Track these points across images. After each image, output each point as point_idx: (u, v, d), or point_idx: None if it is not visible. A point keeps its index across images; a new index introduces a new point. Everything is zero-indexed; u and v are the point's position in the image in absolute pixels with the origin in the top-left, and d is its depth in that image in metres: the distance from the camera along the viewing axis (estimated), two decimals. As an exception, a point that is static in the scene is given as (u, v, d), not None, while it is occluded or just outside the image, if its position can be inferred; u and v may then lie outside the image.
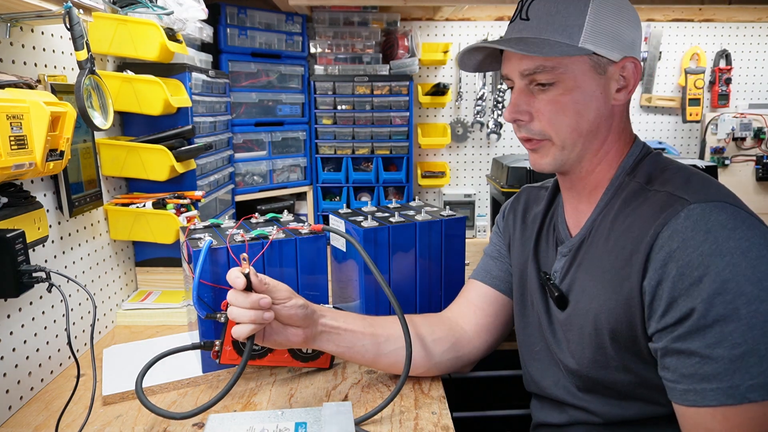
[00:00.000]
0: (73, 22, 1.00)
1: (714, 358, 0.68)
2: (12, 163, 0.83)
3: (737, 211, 0.71)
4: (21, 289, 0.87)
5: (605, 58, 0.80)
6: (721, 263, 0.68)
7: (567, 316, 0.86)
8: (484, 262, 1.12)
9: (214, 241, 1.02)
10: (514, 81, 0.85)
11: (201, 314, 0.98)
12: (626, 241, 0.77)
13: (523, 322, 1.00)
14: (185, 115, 1.47)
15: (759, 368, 0.66)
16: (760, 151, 2.55)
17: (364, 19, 2.34)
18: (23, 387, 1.00)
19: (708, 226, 0.70)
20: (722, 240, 0.68)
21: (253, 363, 1.02)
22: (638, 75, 0.83)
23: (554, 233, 0.96)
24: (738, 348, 0.67)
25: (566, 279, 0.88)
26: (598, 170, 0.86)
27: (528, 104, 0.83)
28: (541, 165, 0.87)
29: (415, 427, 0.90)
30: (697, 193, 0.73)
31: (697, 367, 0.69)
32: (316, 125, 2.36)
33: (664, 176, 0.80)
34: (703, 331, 0.68)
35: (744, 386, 0.66)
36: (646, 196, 0.78)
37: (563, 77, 0.80)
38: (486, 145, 2.65)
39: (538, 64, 0.80)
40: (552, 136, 0.83)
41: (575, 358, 0.85)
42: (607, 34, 0.80)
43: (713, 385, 0.68)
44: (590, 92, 0.81)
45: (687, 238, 0.70)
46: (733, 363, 0.67)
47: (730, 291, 0.67)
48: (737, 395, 0.67)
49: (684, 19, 2.56)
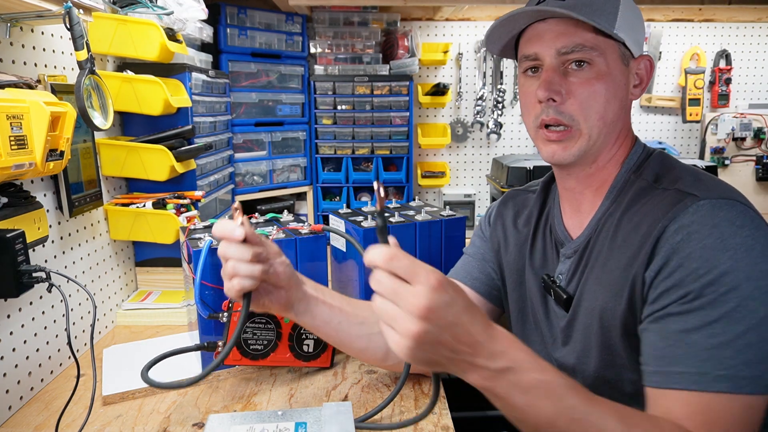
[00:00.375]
0: (73, 22, 1.00)
1: (688, 343, 0.68)
2: (12, 163, 0.83)
3: (746, 209, 0.71)
4: (21, 289, 0.87)
5: (629, 51, 0.82)
6: (722, 257, 0.67)
7: (572, 317, 0.86)
8: (464, 263, 1.09)
9: (214, 241, 1.02)
10: (543, 60, 0.81)
11: (203, 314, 0.98)
12: (634, 239, 0.76)
13: (522, 328, 0.99)
14: (185, 115, 1.48)
15: (732, 361, 0.66)
16: (760, 151, 2.55)
17: (364, 19, 2.34)
18: (23, 387, 1.00)
19: (715, 221, 0.70)
20: (728, 235, 0.68)
21: (255, 363, 1.02)
22: (651, 74, 0.85)
23: (551, 235, 0.95)
24: (716, 338, 0.66)
25: (574, 280, 0.86)
26: (608, 167, 0.86)
27: (560, 84, 0.80)
28: (562, 156, 0.83)
29: (415, 427, 0.90)
30: (708, 191, 0.73)
31: (669, 349, 0.69)
32: (316, 125, 2.36)
33: (672, 175, 0.80)
34: (686, 315, 0.69)
35: (712, 375, 0.66)
36: (654, 194, 0.78)
37: (598, 60, 0.79)
38: (486, 145, 2.65)
39: (578, 42, 0.78)
40: (581, 122, 0.80)
41: (580, 358, 0.85)
42: (632, 28, 0.81)
43: (680, 369, 0.68)
44: (618, 81, 0.81)
45: (692, 232, 0.70)
46: (707, 351, 0.66)
47: (724, 283, 0.67)
48: (702, 382, 0.66)
49: (684, 19, 2.56)
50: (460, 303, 0.60)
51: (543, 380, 0.63)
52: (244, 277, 0.78)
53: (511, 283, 1.01)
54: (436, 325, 0.58)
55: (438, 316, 0.58)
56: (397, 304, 0.59)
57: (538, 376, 0.63)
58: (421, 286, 0.57)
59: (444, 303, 0.58)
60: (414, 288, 0.58)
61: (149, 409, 0.97)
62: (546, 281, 0.92)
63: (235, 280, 0.78)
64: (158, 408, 0.97)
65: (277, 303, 0.85)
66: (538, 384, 0.63)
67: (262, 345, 1.02)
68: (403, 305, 0.58)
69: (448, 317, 0.59)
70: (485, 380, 0.63)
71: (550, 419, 0.63)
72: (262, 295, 0.83)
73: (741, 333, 0.66)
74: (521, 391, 0.63)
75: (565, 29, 0.79)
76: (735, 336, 0.66)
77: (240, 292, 0.79)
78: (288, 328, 1.04)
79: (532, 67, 0.84)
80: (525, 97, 0.86)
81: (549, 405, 0.63)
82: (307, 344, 1.06)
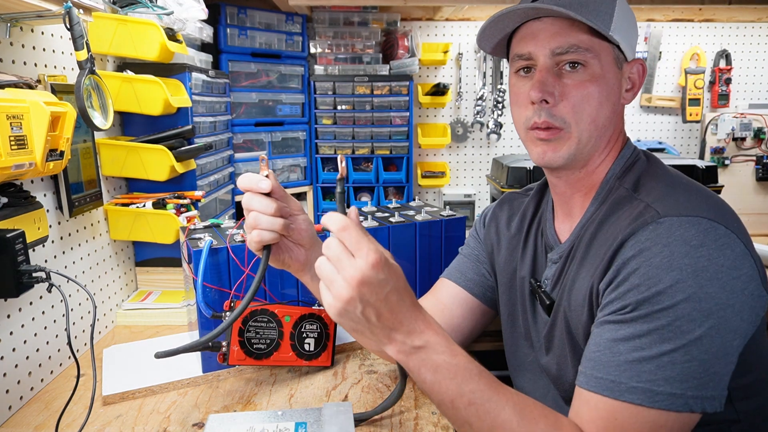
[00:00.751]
0: (73, 22, 1.00)
1: (614, 352, 0.69)
2: (12, 163, 0.83)
3: (713, 227, 0.68)
4: (21, 289, 0.87)
5: (623, 54, 0.81)
6: (665, 277, 0.67)
7: (552, 323, 0.85)
8: (458, 263, 1.09)
9: (214, 241, 1.02)
10: (537, 60, 0.80)
11: (207, 314, 0.98)
12: (601, 249, 0.76)
13: (512, 332, 0.99)
14: (185, 115, 1.48)
15: (650, 375, 0.66)
16: (760, 151, 2.55)
17: (364, 19, 2.34)
18: (23, 387, 1.00)
19: (668, 240, 0.68)
20: (677, 256, 0.67)
21: (258, 363, 1.02)
22: (643, 78, 0.85)
23: (543, 239, 0.94)
24: (640, 351, 0.67)
25: (558, 286, 0.86)
26: (597, 171, 0.85)
27: (553, 86, 0.79)
28: (551, 158, 0.81)
29: (415, 427, 0.90)
30: (673, 207, 0.72)
31: (597, 354, 0.70)
32: (316, 125, 2.36)
33: (649, 185, 0.78)
34: (618, 325, 0.69)
35: (627, 385, 0.67)
36: (631, 204, 0.77)
37: (592, 62, 0.78)
38: (486, 145, 2.65)
39: (572, 43, 0.77)
40: (572, 125, 0.79)
41: (560, 366, 0.84)
42: (627, 30, 0.80)
43: (600, 374, 0.69)
44: (611, 84, 0.80)
45: (643, 249, 0.69)
46: (629, 362, 0.67)
47: (660, 301, 0.67)
48: (615, 390, 0.67)
49: (684, 19, 2.56)
50: (391, 284, 0.66)
51: (451, 363, 0.69)
52: (265, 229, 0.78)
53: (503, 286, 1.01)
54: (364, 297, 0.65)
55: (368, 291, 0.64)
56: (337, 270, 0.65)
57: (447, 358, 0.69)
58: (360, 261, 0.64)
59: (377, 281, 0.64)
60: (354, 261, 0.64)
61: (149, 409, 0.97)
62: (533, 286, 0.91)
63: (255, 231, 0.79)
64: (158, 408, 0.97)
65: (296, 261, 0.86)
66: (445, 366, 0.68)
67: (265, 344, 1.02)
68: (341, 273, 0.65)
69: (377, 293, 0.65)
70: (400, 353, 0.69)
71: (453, 399, 0.69)
72: (282, 251, 0.85)
73: (667, 351, 0.66)
74: (430, 370, 0.69)
75: (560, 29, 0.77)
76: (660, 353, 0.66)
77: (260, 244, 0.80)
78: (289, 327, 1.04)
79: (524, 66, 0.82)
80: (516, 97, 0.84)
81: (452, 386, 0.68)
82: (308, 343, 1.06)
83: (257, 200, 0.79)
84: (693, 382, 0.65)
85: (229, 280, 1.03)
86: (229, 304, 0.98)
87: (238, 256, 1.03)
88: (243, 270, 1.03)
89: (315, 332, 1.07)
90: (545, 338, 0.87)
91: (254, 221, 0.79)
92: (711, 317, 0.66)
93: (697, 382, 0.66)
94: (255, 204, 0.78)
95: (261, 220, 0.78)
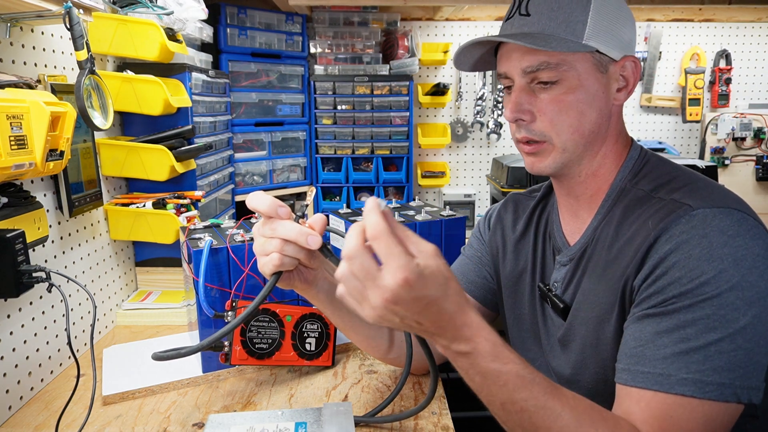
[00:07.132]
0: (73, 22, 1.00)
1: (659, 344, 0.68)
2: (12, 163, 0.83)
3: (744, 218, 0.70)
4: (21, 289, 0.87)
5: (606, 57, 0.79)
6: (707, 267, 0.67)
7: (569, 326, 0.84)
8: (461, 264, 1.09)
9: (214, 241, 1.02)
10: (513, 79, 0.82)
11: (209, 314, 0.99)
12: (629, 250, 0.75)
13: (519, 334, 0.98)
14: (185, 115, 1.48)
15: (700, 366, 0.65)
16: (760, 151, 2.55)
17: (364, 19, 2.34)
18: (23, 387, 1.00)
19: (705, 231, 0.69)
20: (717, 246, 0.67)
21: (260, 363, 1.02)
22: (638, 74, 0.83)
23: (550, 242, 0.93)
24: (686, 342, 0.66)
25: (570, 289, 0.85)
26: (599, 174, 0.84)
27: (530, 103, 0.80)
28: (540, 168, 0.83)
29: (415, 427, 0.90)
30: (703, 200, 0.72)
31: (640, 349, 0.69)
32: (316, 125, 2.36)
33: (671, 185, 0.78)
34: (661, 317, 0.68)
35: (676, 377, 0.66)
36: (651, 203, 0.77)
37: (566, 75, 0.78)
38: (486, 145, 2.65)
39: (542, 60, 0.77)
40: (553, 137, 0.80)
41: (575, 369, 0.83)
42: (609, 31, 0.79)
43: (646, 369, 0.68)
44: (593, 91, 0.79)
45: (681, 242, 0.69)
46: (676, 354, 0.66)
47: (704, 292, 0.66)
48: (665, 383, 0.66)
49: (684, 19, 2.56)
50: (429, 296, 0.61)
51: (501, 371, 0.65)
52: (287, 256, 0.74)
53: (508, 289, 1.00)
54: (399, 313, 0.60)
55: (402, 308, 0.60)
56: (365, 286, 0.60)
57: (496, 366, 0.65)
58: (389, 278, 0.58)
59: (409, 298, 0.59)
60: (383, 279, 0.58)
61: (149, 409, 0.97)
62: (542, 289, 0.90)
63: (276, 256, 0.74)
64: (158, 408, 0.97)
65: (304, 281, 0.82)
66: (494, 373, 0.65)
67: (267, 344, 1.02)
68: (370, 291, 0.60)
69: (412, 309, 0.60)
70: (446, 353, 0.67)
71: (503, 403, 0.67)
72: (293, 276, 0.80)
73: (714, 340, 0.65)
74: (478, 374, 0.66)
75: (529, 48, 0.77)
76: (707, 342, 0.65)
77: (277, 269, 0.75)
78: (290, 327, 1.04)
79: (507, 85, 0.84)
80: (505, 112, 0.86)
81: (502, 392, 0.66)
82: (309, 342, 1.06)
83: (286, 226, 0.73)
84: (739, 372, 0.65)
85: (229, 279, 1.03)
86: (230, 304, 0.99)
87: (238, 256, 1.03)
88: (243, 270, 1.03)
89: (316, 332, 1.07)
90: (559, 341, 0.87)
91: (279, 248, 0.74)
92: (754, 306, 0.66)
93: (742, 372, 0.65)
94: (282, 231, 0.73)
95: (287, 248, 0.74)
